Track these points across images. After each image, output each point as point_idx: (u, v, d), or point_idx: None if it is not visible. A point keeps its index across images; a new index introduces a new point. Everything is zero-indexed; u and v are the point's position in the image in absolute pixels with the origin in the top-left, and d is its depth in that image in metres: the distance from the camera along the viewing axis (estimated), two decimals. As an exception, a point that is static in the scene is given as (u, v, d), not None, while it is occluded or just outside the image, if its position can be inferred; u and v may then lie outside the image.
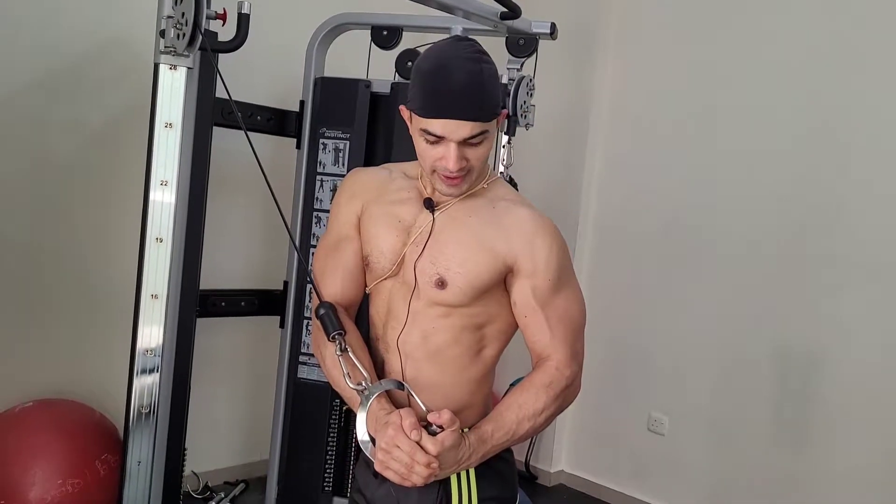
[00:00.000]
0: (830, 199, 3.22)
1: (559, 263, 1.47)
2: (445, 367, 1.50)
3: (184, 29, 2.03)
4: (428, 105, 1.38)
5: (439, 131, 1.38)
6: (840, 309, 3.19)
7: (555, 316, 1.48)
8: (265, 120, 3.08)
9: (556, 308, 1.48)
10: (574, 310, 1.51)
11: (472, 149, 1.41)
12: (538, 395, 1.45)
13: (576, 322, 1.51)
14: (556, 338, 1.48)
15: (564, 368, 1.47)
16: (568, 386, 1.48)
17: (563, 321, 1.49)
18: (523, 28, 2.92)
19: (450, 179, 1.44)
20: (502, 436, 1.44)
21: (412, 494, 1.47)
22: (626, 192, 3.85)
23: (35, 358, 3.00)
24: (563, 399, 1.48)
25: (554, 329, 1.48)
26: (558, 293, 1.48)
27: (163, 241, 2.21)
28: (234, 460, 3.64)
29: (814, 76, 3.26)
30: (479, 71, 1.38)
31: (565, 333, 1.49)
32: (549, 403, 1.45)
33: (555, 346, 1.48)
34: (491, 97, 1.40)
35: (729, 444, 3.48)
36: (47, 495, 2.56)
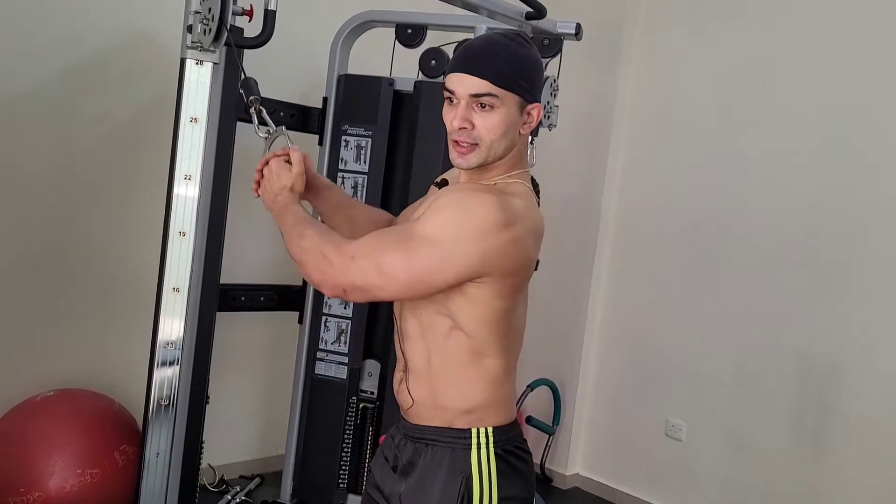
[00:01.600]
0: (854, 204, 3.19)
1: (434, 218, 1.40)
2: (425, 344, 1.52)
3: (210, 24, 2.05)
4: (450, 65, 1.48)
5: (450, 85, 1.45)
6: (863, 317, 3.15)
7: (379, 237, 1.44)
8: (288, 116, 3.09)
9: (385, 235, 1.46)
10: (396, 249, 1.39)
11: (481, 115, 1.43)
12: (323, 234, 1.48)
13: (385, 253, 1.39)
14: (368, 239, 1.44)
15: (347, 250, 1.41)
16: (325, 258, 1.43)
17: (385, 239, 1.43)
18: (548, 28, 2.91)
19: (456, 145, 1.46)
20: (292, 224, 1.54)
21: (434, 490, 1.48)
22: (648, 194, 3.83)
23: (57, 348, 3.03)
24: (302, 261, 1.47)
25: (376, 235, 1.45)
26: (397, 233, 1.47)
27: (185, 235, 2.23)
28: (250, 455, 3.66)
29: (840, 80, 3.23)
30: (505, 44, 1.44)
31: (374, 245, 1.42)
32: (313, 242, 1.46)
33: (354, 246, 1.42)
34: (511, 67, 1.42)
35: (747, 452, 3.45)
36: (66, 484, 2.58)
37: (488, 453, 1.49)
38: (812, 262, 3.28)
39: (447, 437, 1.50)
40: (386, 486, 1.57)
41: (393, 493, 1.55)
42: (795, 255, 3.33)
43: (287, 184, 1.62)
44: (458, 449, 1.49)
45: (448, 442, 1.50)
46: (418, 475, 1.51)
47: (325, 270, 1.43)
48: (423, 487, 1.49)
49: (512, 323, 1.51)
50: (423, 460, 1.51)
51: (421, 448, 1.53)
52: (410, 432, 1.56)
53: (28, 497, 2.55)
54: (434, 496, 1.48)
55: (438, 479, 1.48)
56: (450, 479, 1.47)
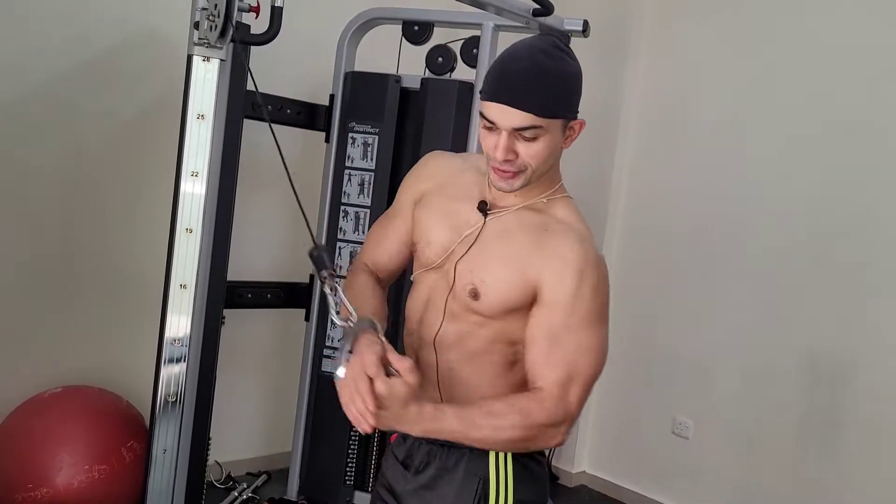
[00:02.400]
0: (863, 203, 3.17)
1: (585, 306, 1.39)
2: (481, 371, 1.47)
3: (217, 21, 2.04)
4: (488, 88, 1.37)
5: (491, 116, 1.35)
6: (871, 315, 3.14)
7: (560, 354, 1.38)
8: (295, 113, 3.09)
9: (564, 346, 1.38)
10: (585, 357, 1.39)
11: (525, 144, 1.36)
12: (512, 413, 1.35)
13: (581, 370, 1.38)
14: (553, 375, 1.37)
15: (550, 405, 1.35)
16: (544, 424, 1.36)
17: (566, 361, 1.38)
18: (555, 25, 2.90)
19: (500, 172, 1.39)
20: (458, 426, 1.34)
21: (449, 492, 1.47)
22: (656, 191, 3.81)
23: (64, 344, 3.04)
24: (535, 435, 1.37)
25: (554, 365, 1.37)
26: (572, 333, 1.39)
27: (192, 232, 2.23)
28: (256, 451, 3.66)
29: (849, 79, 3.21)
30: (547, 64, 1.34)
31: (563, 375, 1.37)
32: (517, 426, 1.35)
33: (548, 381, 1.37)
34: (555, 94, 1.35)
35: (755, 451, 3.44)
36: (74, 480, 2.59)
37: (505, 456, 1.47)
38: (820, 260, 3.27)
39: None
40: (398, 486, 1.56)
41: (405, 493, 1.54)
42: (804, 254, 3.31)
43: (409, 400, 1.31)
44: (475, 451, 1.46)
45: (463, 444, 1.47)
46: (433, 476, 1.50)
47: (555, 435, 1.38)
48: (437, 489, 1.49)
49: None
50: (438, 461, 1.50)
51: (436, 450, 1.51)
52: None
53: (36, 493, 2.56)
54: (449, 498, 1.47)
55: (454, 481, 1.48)
56: (466, 481, 1.46)
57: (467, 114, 2.97)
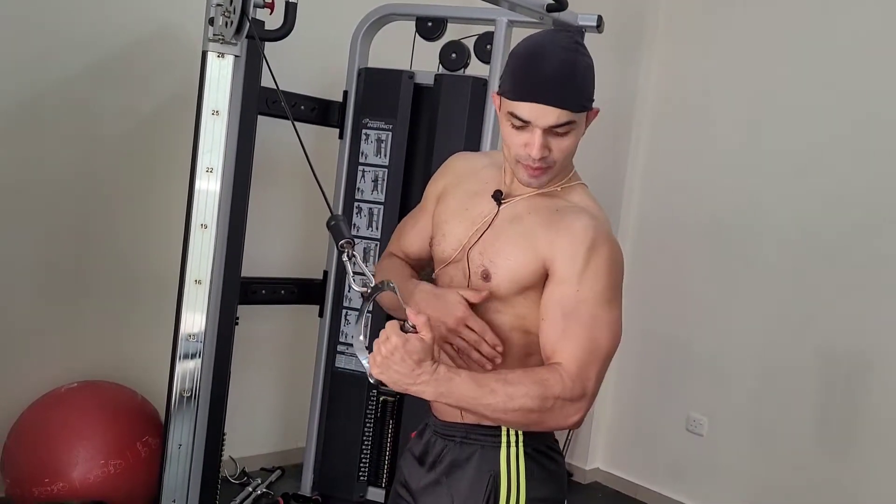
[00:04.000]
0: (881, 200, 3.14)
1: (598, 281, 1.38)
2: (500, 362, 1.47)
3: (232, 17, 2.05)
4: (518, 88, 1.36)
5: (526, 115, 1.35)
6: (889, 313, 3.11)
7: (575, 329, 1.36)
8: (309, 110, 3.09)
9: (578, 321, 1.36)
10: (600, 333, 1.37)
11: (557, 139, 1.38)
12: (527, 381, 1.31)
13: (597, 346, 1.36)
14: (569, 350, 1.35)
15: (567, 380, 1.33)
16: (560, 398, 1.32)
17: (581, 337, 1.35)
18: (569, 21, 2.89)
19: (531, 169, 1.40)
20: (470, 389, 1.31)
21: (461, 487, 1.47)
22: (670, 187, 3.80)
23: (80, 340, 3.06)
24: (550, 409, 1.32)
25: (570, 340, 1.35)
26: (586, 308, 1.37)
27: (207, 228, 2.25)
28: (271, 447, 3.68)
29: (866, 75, 3.18)
30: (574, 61, 1.36)
31: (579, 351, 1.35)
32: (531, 395, 1.30)
33: (565, 356, 1.35)
34: (582, 89, 1.37)
35: (770, 448, 3.42)
36: (90, 475, 2.60)
37: (517, 452, 1.47)
38: (837, 257, 3.24)
39: (477, 434, 1.49)
40: (413, 483, 1.57)
41: (419, 490, 1.54)
42: (820, 250, 3.29)
43: (424, 357, 1.31)
44: (487, 447, 1.47)
45: (477, 439, 1.48)
46: (446, 472, 1.50)
47: (571, 413, 1.34)
48: (450, 484, 1.49)
49: None
50: (450, 456, 1.51)
51: (450, 444, 1.52)
52: (440, 429, 1.54)
53: (52, 487, 2.58)
54: (461, 493, 1.47)
55: (466, 477, 1.48)
56: (477, 476, 1.46)
57: (481, 110, 2.96)
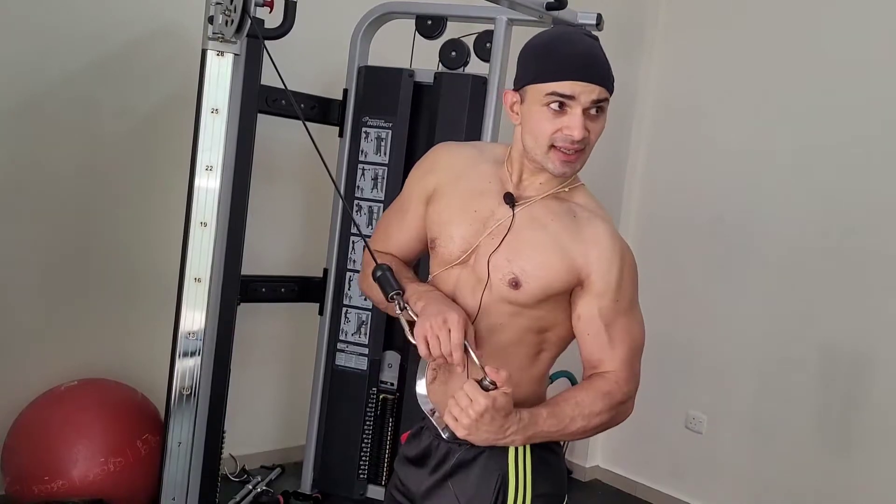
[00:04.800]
0: (881, 197, 3.14)
1: (629, 286, 1.48)
2: (508, 363, 1.44)
3: (232, 15, 2.06)
4: (555, 69, 1.37)
5: (569, 91, 1.36)
6: (889, 311, 3.11)
7: (618, 335, 1.47)
8: (309, 108, 3.09)
9: (619, 328, 1.47)
10: (636, 332, 1.50)
11: (592, 121, 1.40)
12: (596, 398, 1.43)
13: (636, 344, 1.50)
14: (618, 356, 1.47)
15: (623, 384, 1.46)
16: (623, 402, 1.47)
17: (625, 341, 1.47)
18: (569, 19, 2.89)
19: (567, 155, 1.41)
20: (554, 424, 1.39)
21: (468, 487, 1.47)
22: (670, 185, 3.79)
23: (80, 338, 3.06)
24: (617, 413, 1.46)
25: (616, 347, 1.47)
26: (623, 315, 1.47)
27: (207, 226, 2.25)
28: (271, 445, 3.68)
29: (865, 73, 3.18)
30: (598, 45, 1.42)
31: (627, 353, 1.47)
32: (604, 410, 1.43)
33: (615, 363, 1.47)
34: (611, 71, 1.42)
35: (770, 446, 3.42)
36: (90, 473, 2.61)
37: (525, 450, 1.47)
38: (838, 254, 3.24)
39: None
40: (413, 486, 1.55)
41: (422, 492, 1.53)
42: (820, 248, 3.29)
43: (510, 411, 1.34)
44: (494, 448, 1.44)
45: None
46: (451, 473, 1.50)
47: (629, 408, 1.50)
48: (456, 485, 1.48)
49: None
50: (456, 458, 1.50)
51: (455, 447, 1.50)
52: (445, 432, 1.51)
53: (52, 485, 2.58)
54: (468, 494, 1.47)
55: (472, 477, 1.47)
56: (484, 477, 1.46)
57: (481, 108, 2.97)
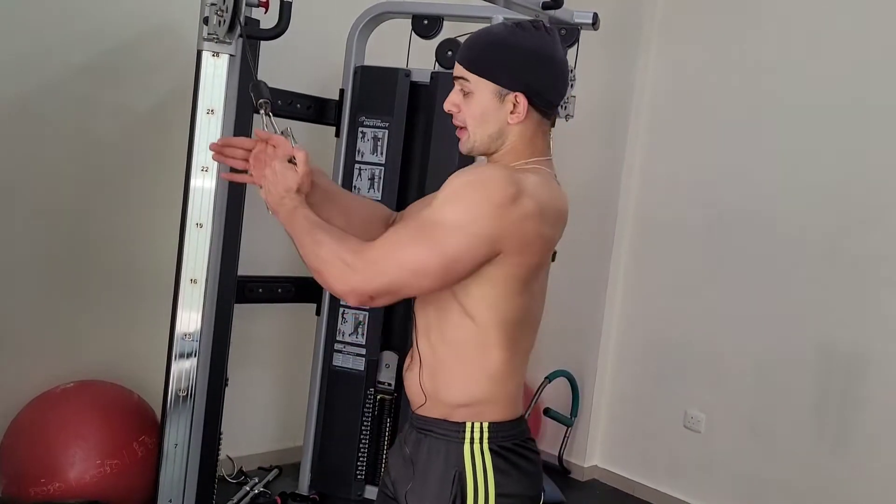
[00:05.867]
0: (878, 195, 3.14)
1: (440, 202, 1.39)
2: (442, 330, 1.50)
3: (225, 16, 2.05)
4: None
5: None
6: (885, 308, 3.11)
7: (403, 228, 1.45)
8: (305, 108, 3.09)
9: (410, 227, 1.42)
10: (409, 250, 1.37)
11: (465, 101, 1.48)
12: (341, 244, 1.40)
13: (403, 247, 1.38)
14: (384, 239, 1.41)
15: (359, 259, 1.37)
16: (341, 262, 1.38)
17: (399, 236, 1.41)
18: (565, 18, 2.89)
19: (457, 131, 1.52)
20: (304, 228, 1.47)
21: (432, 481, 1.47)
22: (667, 185, 3.79)
23: (77, 340, 3.05)
24: (329, 264, 1.40)
25: (390, 233, 1.43)
26: (420, 220, 1.40)
27: (202, 227, 2.24)
28: (268, 446, 3.67)
29: (861, 73, 3.18)
30: (496, 33, 1.47)
31: (387, 243, 1.39)
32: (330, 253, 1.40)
33: (377, 243, 1.40)
34: (490, 55, 1.45)
35: (768, 444, 3.42)
36: (86, 475, 2.60)
37: (482, 448, 1.46)
38: (835, 252, 3.24)
39: (443, 428, 1.49)
40: (394, 471, 1.58)
41: (398, 480, 1.55)
42: (817, 246, 3.29)
43: (293, 185, 1.51)
44: (452, 442, 1.47)
45: (443, 434, 1.49)
46: (419, 465, 1.51)
47: (348, 280, 1.38)
48: (422, 477, 1.49)
49: (523, 313, 1.48)
50: (422, 451, 1.51)
51: (421, 438, 1.52)
52: (415, 422, 1.56)
53: (48, 487, 2.58)
54: (432, 488, 1.47)
55: (436, 471, 1.48)
56: (445, 472, 1.46)
57: (477, 107, 2.96)
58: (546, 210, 1.42)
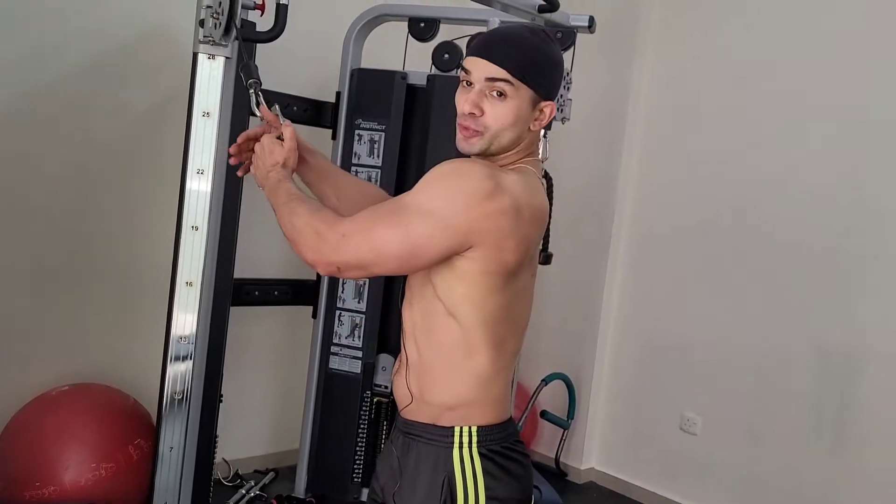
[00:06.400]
0: (874, 197, 3.15)
1: (420, 187, 1.41)
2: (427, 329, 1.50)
3: (221, 19, 2.05)
4: (471, 48, 1.47)
5: (469, 65, 1.45)
6: (882, 310, 3.12)
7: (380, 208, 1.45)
8: (301, 110, 3.09)
9: (385, 207, 1.45)
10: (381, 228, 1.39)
11: (492, 103, 1.43)
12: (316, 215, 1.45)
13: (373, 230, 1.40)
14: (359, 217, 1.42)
15: (338, 226, 1.41)
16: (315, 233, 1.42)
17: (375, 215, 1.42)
18: (561, 21, 2.89)
19: (462, 129, 1.46)
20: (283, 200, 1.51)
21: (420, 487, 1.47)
22: (664, 188, 3.80)
23: (72, 342, 3.04)
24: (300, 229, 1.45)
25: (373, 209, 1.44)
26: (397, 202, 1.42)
27: (198, 229, 2.23)
28: (264, 449, 3.67)
29: (857, 74, 3.19)
30: (530, 38, 1.44)
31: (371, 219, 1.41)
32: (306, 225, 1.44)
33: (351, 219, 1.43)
34: (531, 62, 1.42)
35: (764, 447, 3.42)
36: (81, 478, 2.59)
37: (471, 453, 1.46)
38: (831, 255, 3.25)
39: (431, 433, 1.48)
40: (383, 476, 1.58)
41: (387, 485, 1.55)
42: (814, 248, 3.29)
43: (279, 159, 1.59)
44: (441, 447, 1.47)
45: (432, 439, 1.48)
46: (407, 471, 1.50)
47: (318, 249, 1.42)
48: (410, 483, 1.49)
49: (505, 312, 1.47)
50: (410, 457, 1.51)
51: (410, 443, 1.52)
52: (402, 427, 1.55)
53: (43, 491, 2.57)
54: (419, 494, 1.47)
55: (424, 476, 1.47)
56: (434, 477, 1.46)
57: (473, 110, 2.96)
58: (522, 208, 1.41)
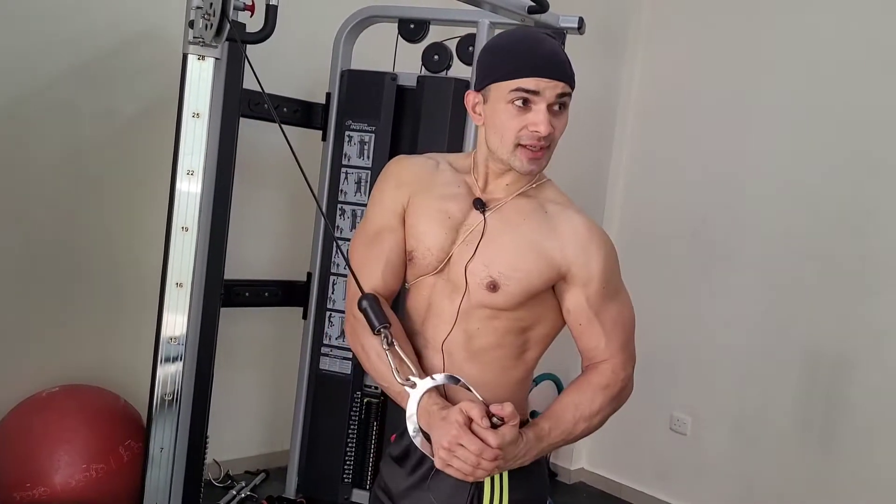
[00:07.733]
0: (863, 199, 3.17)
1: (612, 271, 1.49)
2: (487, 368, 1.47)
3: (211, 19, 2.05)
4: (520, 65, 1.39)
5: (533, 86, 1.39)
6: (872, 312, 3.13)
7: (609, 321, 1.49)
8: (291, 112, 3.09)
9: (609, 313, 1.49)
10: (626, 314, 1.52)
11: (556, 117, 1.43)
12: (595, 396, 1.46)
13: (629, 326, 1.53)
14: (612, 343, 1.49)
15: (620, 371, 1.49)
16: (623, 388, 1.50)
17: (617, 326, 1.50)
18: (551, 22, 2.90)
19: (533, 153, 1.43)
20: (559, 434, 1.44)
21: (444, 488, 1.46)
22: (654, 189, 3.81)
23: (62, 344, 3.04)
24: (618, 401, 1.50)
25: (609, 334, 1.49)
26: (611, 300, 1.49)
27: (188, 231, 2.24)
28: (255, 450, 3.66)
29: (848, 75, 3.20)
30: (559, 45, 1.46)
31: (620, 338, 1.50)
32: (604, 405, 1.47)
33: (611, 350, 1.49)
34: (572, 67, 1.44)
35: (754, 447, 3.44)
36: (72, 480, 2.59)
37: None
38: (820, 256, 3.26)
39: None
40: (393, 485, 1.55)
41: (400, 493, 1.53)
42: (804, 249, 3.31)
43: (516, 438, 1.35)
44: None
45: None
46: (427, 476, 1.49)
47: (629, 389, 1.52)
48: (432, 489, 1.48)
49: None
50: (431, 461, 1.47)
51: None
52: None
53: (34, 492, 2.56)
54: (443, 495, 1.46)
55: (448, 480, 1.44)
56: (460, 481, 1.41)
57: (463, 111, 2.94)
58: None
